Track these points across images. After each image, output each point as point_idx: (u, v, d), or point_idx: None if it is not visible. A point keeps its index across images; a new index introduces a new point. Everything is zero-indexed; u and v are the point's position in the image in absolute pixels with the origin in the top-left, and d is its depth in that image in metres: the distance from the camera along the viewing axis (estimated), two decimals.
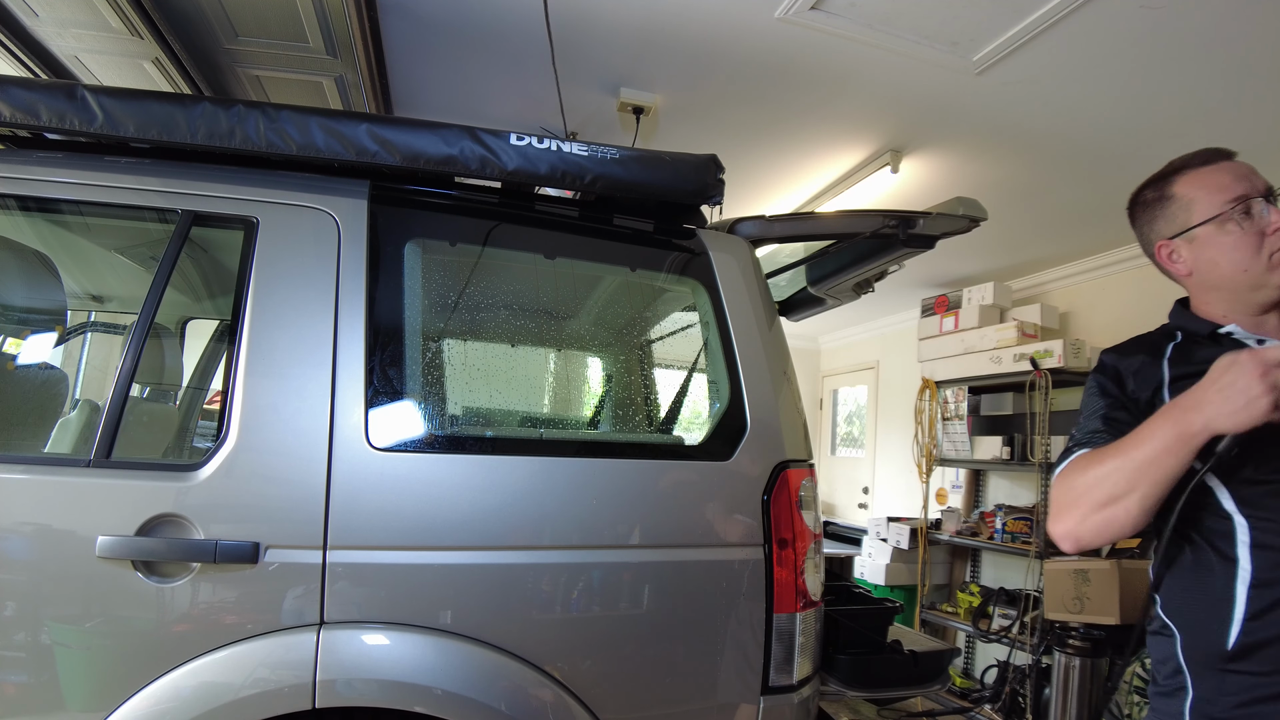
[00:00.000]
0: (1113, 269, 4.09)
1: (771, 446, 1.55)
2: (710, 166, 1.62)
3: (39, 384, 1.80)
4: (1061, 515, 1.07)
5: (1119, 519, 1.01)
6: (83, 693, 1.24)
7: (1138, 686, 3.16)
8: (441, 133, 1.48)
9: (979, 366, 4.34)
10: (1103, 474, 1.02)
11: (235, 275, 1.42)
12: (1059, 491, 1.09)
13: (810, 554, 1.53)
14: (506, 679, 1.33)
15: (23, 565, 1.25)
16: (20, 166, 1.41)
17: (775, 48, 2.31)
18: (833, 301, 2.30)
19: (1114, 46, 2.17)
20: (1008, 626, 4.04)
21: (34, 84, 1.41)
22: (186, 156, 1.50)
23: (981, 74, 2.36)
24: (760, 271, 1.73)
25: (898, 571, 4.92)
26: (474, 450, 1.42)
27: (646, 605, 1.43)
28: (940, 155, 3.01)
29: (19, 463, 1.31)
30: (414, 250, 1.54)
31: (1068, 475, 1.09)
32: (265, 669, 1.25)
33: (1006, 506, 4.34)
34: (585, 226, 1.68)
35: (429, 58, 2.52)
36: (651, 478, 1.49)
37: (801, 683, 1.51)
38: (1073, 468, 1.09)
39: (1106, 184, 3.16)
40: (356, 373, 1.38)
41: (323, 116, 1.46)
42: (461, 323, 1.70)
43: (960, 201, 1.74)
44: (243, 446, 1.31)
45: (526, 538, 1.39)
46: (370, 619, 1.30)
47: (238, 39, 2.18)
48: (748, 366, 1.58)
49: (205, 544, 1.26)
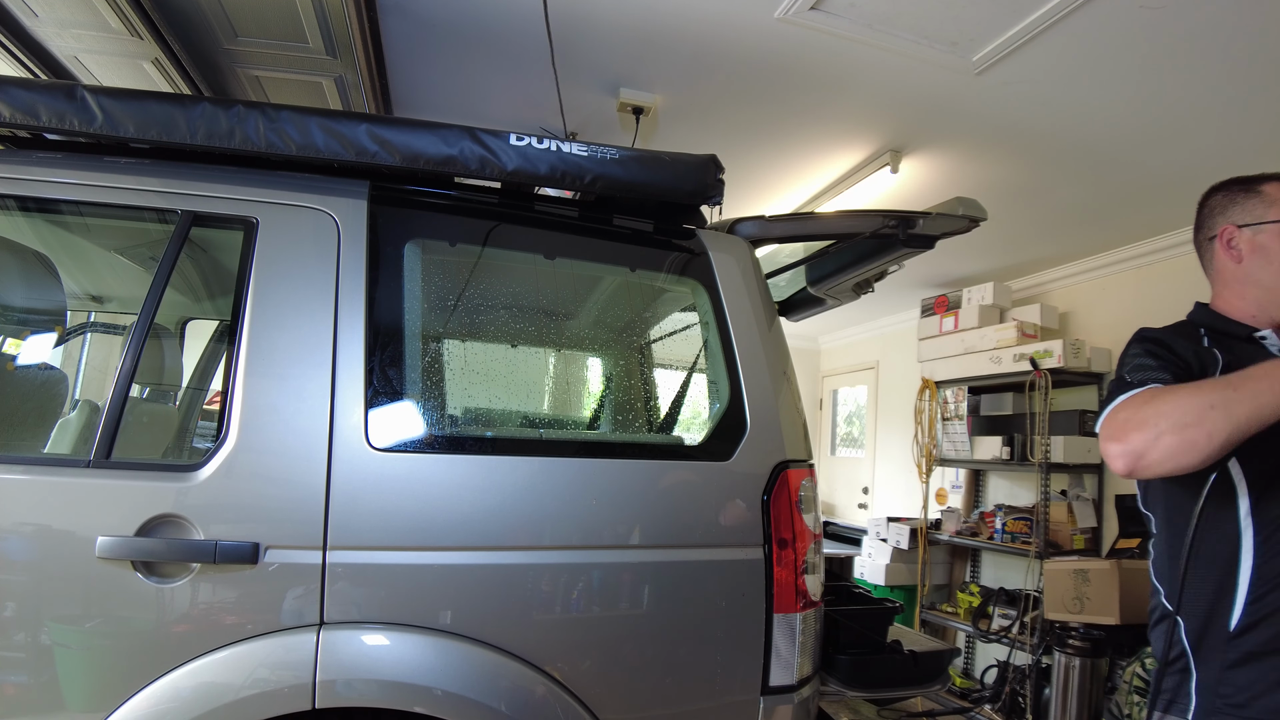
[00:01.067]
0: (1112, 269, 4.09)
1: (771, 446, 1.55)
2: (710, 167, 1.62)
3: (39, 384, 1.80)
4: (1127, 433, 1.05)
5: (1199, 443, 0.99)
6: (83, 693, 1.23)
7: (1138, 687, 3.16)
8: (441, 133, 1.48)
9: (979, 366, 4.35)
10: (1195, 400, 1.02)
11: (235, 275, 1.42)
12: (1124, 413, 1.08)
13: (810, 554, 1.53)
14: (506, 679, 1.33)
15: (23, 566, 1.25)
16: (20, 167, 1.41)
17: (775, 48, 2.31)
18: (832, 302, 2.30)
19: (1114, 46, 2.17)
20: (1008, 626, 4.04)
21: (34, 84, 1.41)
22: (186, 157, 1.50)
23: (981, 74, 2.36)
24: (760, 272, 1.73)
25: (898, 571, 4.92)
26: (474, 450, 1.42)
27: (647, 605, 1.43)
28: (940, 155, 3.01)
29: (19, 463, 1.31)
30: (414, 250, 1.54)
31: (1135, 401, 1.08)
32: (265, 669, 1.25)
33: (1006, 506, 4.34)
34: (585, 227, 1.68)
35: (429, 58, 2.52)
36: (651, 478, 1.49)
37: (801, 683, 1.51)
38: (1142, 396, 1.09)
39: (1106, 184, 3.16)
40: (356, 373, 1.38)
41: (322, 117, 1.46)
42: (461, 323, 1.70)
43: (960, 201, 1.74)
44: (242, 447, 1.31)
45: (527, 538, 1.39)
46: (370, 619, 1.30)
47: (237, 39, 2.18)
48: (747, 366, 1.58)
49: (205, 544, 1.26)
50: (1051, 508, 3.96)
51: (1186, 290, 3.62)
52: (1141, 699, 3.12)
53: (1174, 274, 3.74)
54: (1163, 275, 3.80)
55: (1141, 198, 3.29)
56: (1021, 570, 4.03)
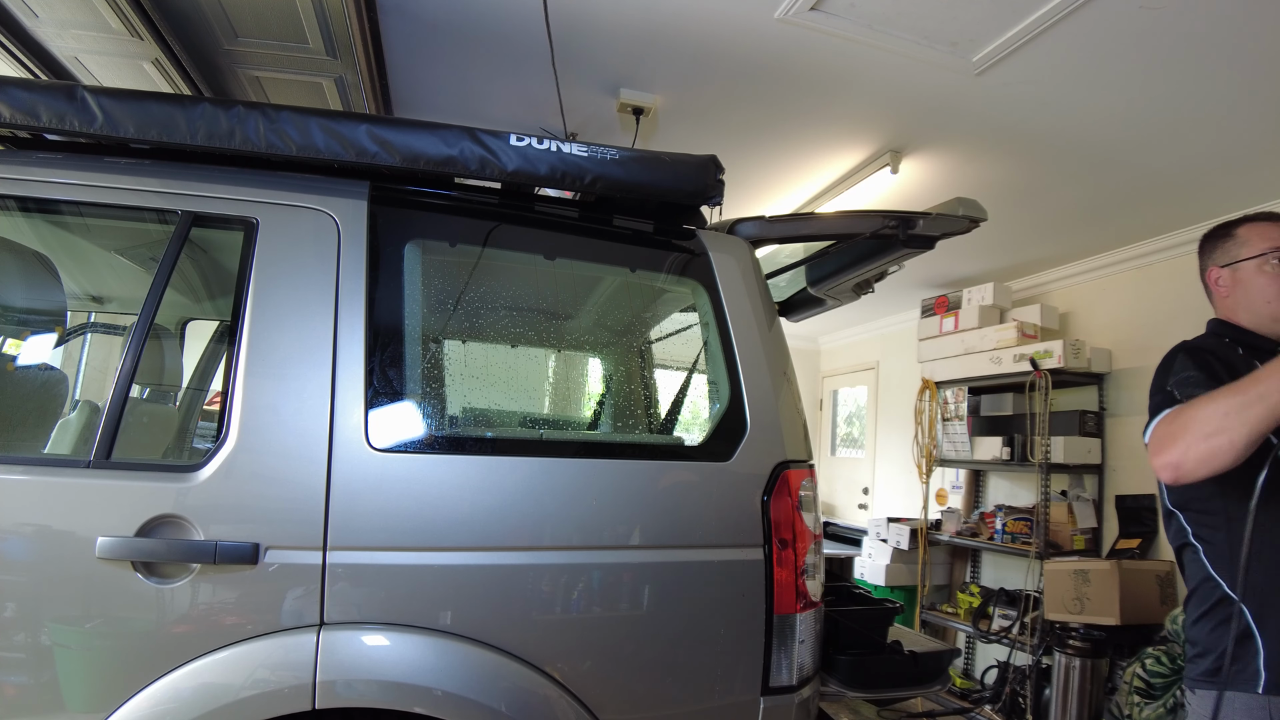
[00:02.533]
0: (1112, 269, 4.09)
1: (771, 447, 1.55)
2: (710, 167, 1.62)
3: (39, 385, 1.80)
4: (1165, 448, 1.24)
5: (1223, 448, 1.17)
6: (83, 694, 1.23)
7: (1138, 688, 3.16)
8: (441, 133, 1.48)
9: (979, 367, 4.35)
10: (1213, 409, 1.19)
11: (235, 276, 1.42)
12: (1164, 429, 1.27)
13: (810, 554, 1.53)
14: (506, 680, 1.33)
15: (23, 566, 1.25)
16: (20, 167, 1.41)
17: (775, 48, 2.31)
18: (832, 302, 2.30)
19: (1114, 47, 2.17)
20: (1008, 627, 4.04)
21: (34, 85, 1.41)
22: (186, 157, 1.50)
23: (981, 74, 2.36)
24: (760, 272, 1.73)
25: (898, 572, 4.92)
26: (474, 451, 1.42)
27: (647, 606, 1.43)
28: (940, 156, 3.01)
29: (19, 463, 1.31)
30: (414, 251, 1.54)
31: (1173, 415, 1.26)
32: (265, 670, 1.25)
33: (1006, 507, 4.34)
34: (585, 227, 1.68)
35: (429, 58, 2.52)
36: (651, 478, 1.49)
37: (802, 683, 1.51)
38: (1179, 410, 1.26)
39: (1106, 184, 3.16)
40: (356, 373, 1.38)
41: (322, 117, 1.46)
42: (461, 323, 1.70)
43: (960, 202, 1.74)
44: (242, 447, 1.31)
45: (526, 538, 1.39)
46: (370, 620, 1.30)
47: (237, 40, 2.18)
48: (748, 367, 1.58)
49: (205, 545, 1.26)
50: (1052, 508, 3.96)
51: (1186, 290, 3.62)
52: (1142, 699, 3.11)
53: (1174, 274, 3.74)
54: (1163, 275, 3.80)
55: (1141, 198, 3.29)
56: (1022, 571, 4.03)
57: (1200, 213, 3.41)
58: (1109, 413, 4.02)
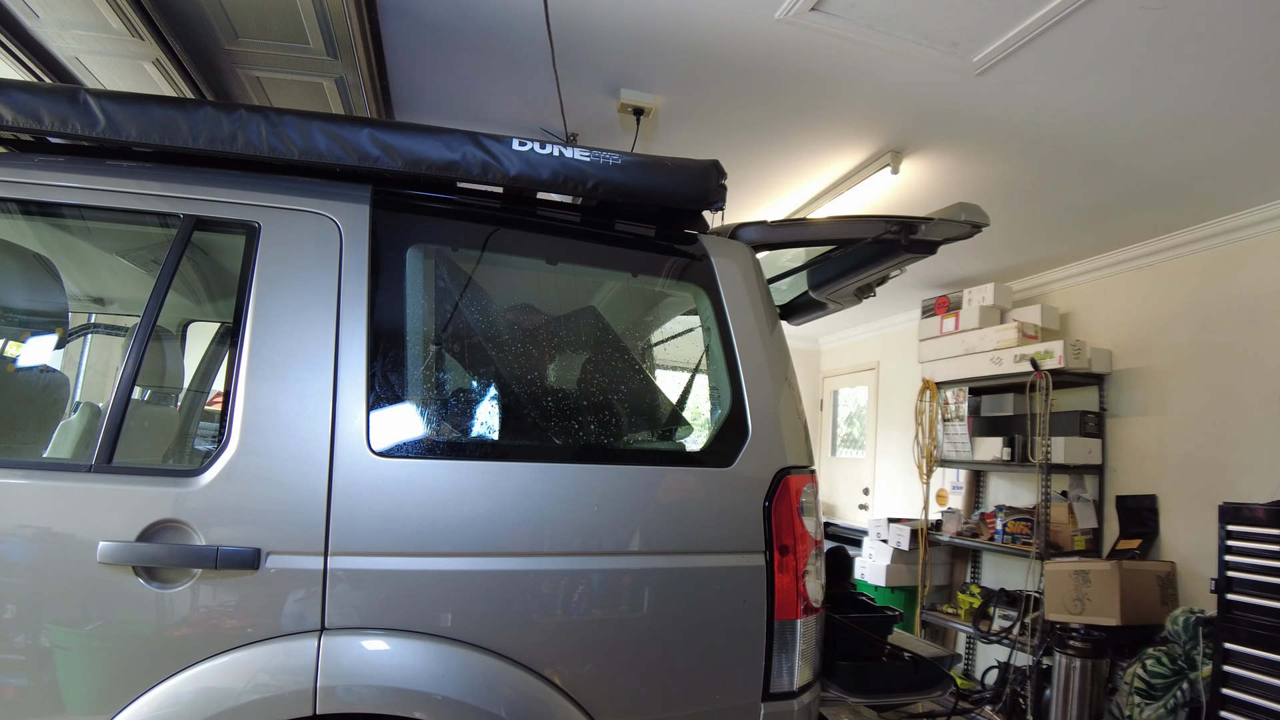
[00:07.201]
0: (1113, 270, 4.09)
1: (773, 452, 1.55)
2: (712, 172, 1.62)
3: (40, 388, 1.80)
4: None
5: None
6: (84, 698, 1.24)
7: (1139, 688, 3.16)
8: (443, 138, 1.48)
9: (979, 367, 4.35)
10: None
11: (237, 280, 1.42)
12: None
13: (811, 560, 1.53)
14: (507, 685, 1.33)
15: (24, 570, 1.25)
16: (23, 170, 1.41)
17: (775, 49, 2.31)
18: (834, 306, 2.30)
19: (1114, 47, 2.17)
20: (1008, 628, 4.04)
21: (37, 88, 1.41)
22: (189, 161, 1.50)
23: (982, 75, 2.35)
24: (762, 276, 1.73)
25: (898, 572, 4.92)
26: (475, 456, 1.42)
27: (647, 611, 1.43)
28: (940, 156, 3.01)
29: (20, 467, 1.31)
30: (416, 255, 1.54)
31: None
32: (266, 674, 1.25)
33: (1007, 508, 4.34)
34: (587, 232, 1.68)
35: (429, 59, 2.52)
36: (652, 484, 1.49)
37: (802, 689, 1.51)
38: None
39: (1107, 185, 3.15)
40: (358, 378, 1.38)
41: (325, 121, 1.45)
42: (463, 328, 1.70)
43: (962, 207, 1.74)
44: (244, 451, 1.31)
45: (527, 544, 1.39)
46: (371, 625, 1.30)
47: (238, 40, 2.18)
48: (749, 372, 1.58)
49: (206, 550, 1.26)
50: (1052, 509, 3.96)
51: (1187, 291, 3.62)
52: (1143, 700, 3.12)
53: (1175, 275, 3.73)
54: (1163, 276, 3.80)
55: (1142, 198, 3.28)
56: (1022, 571, 4.03)
57: (1200, 213, 3.41)
58: (1110, 413, 4.02)
